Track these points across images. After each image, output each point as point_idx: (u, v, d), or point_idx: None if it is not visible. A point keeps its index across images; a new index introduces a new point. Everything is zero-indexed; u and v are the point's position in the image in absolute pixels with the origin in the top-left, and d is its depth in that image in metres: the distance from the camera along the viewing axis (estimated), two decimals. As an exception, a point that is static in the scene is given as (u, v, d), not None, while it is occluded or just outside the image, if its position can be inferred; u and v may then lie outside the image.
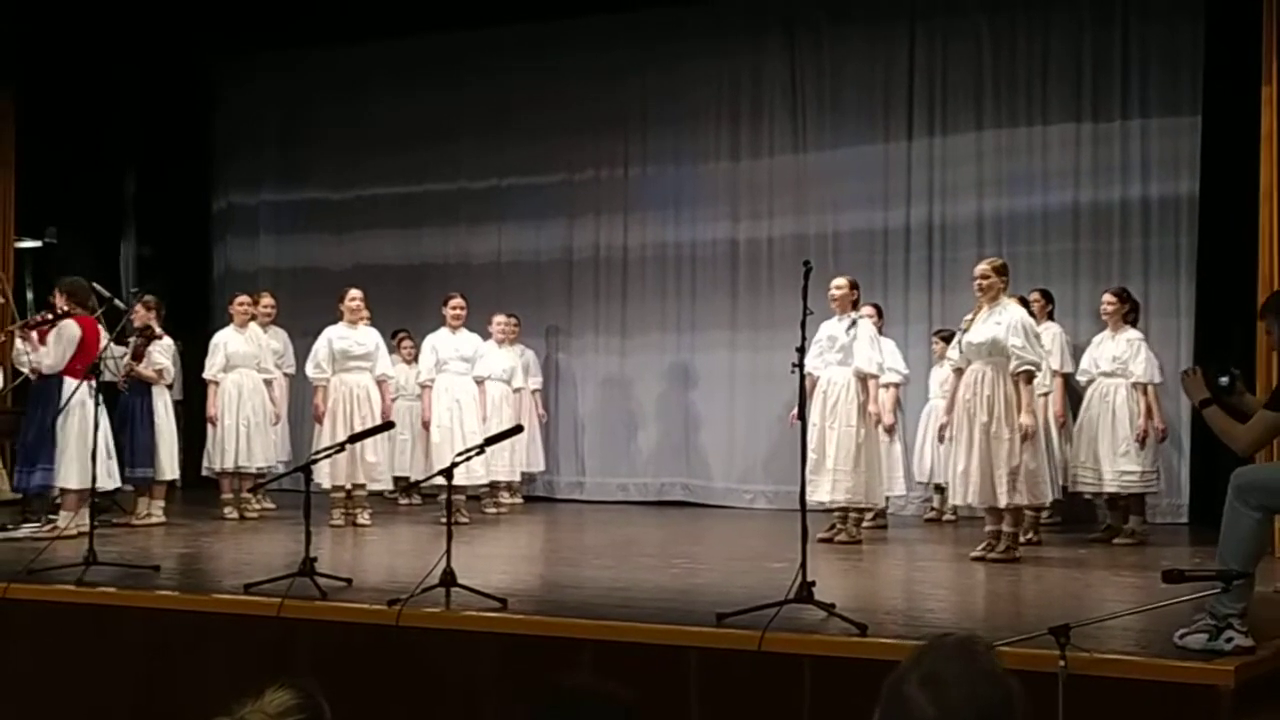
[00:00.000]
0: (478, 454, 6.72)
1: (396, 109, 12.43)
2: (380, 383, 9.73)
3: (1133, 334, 8.82)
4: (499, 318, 10.74)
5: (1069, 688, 3.93)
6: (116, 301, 8.87)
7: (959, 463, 7.72)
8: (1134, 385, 8.67)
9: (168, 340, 9.57)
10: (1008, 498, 7.53)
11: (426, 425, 9.88)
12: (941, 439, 8.80)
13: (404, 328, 11.52)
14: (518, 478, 11.04)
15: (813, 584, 5.44)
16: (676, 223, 11.75)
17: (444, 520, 6.33)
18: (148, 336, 9.35)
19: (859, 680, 4.66)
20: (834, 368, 8.51)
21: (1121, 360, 8.72)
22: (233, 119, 13.25)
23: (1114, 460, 8.61)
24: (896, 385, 9.73)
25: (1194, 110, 9.80)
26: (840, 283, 8.62)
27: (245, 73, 13.06)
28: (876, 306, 9.59)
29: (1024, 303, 8.49)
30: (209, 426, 9.99)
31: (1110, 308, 8.87)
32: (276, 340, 10.75)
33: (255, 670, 5.62)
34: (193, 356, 10.28)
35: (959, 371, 7.91)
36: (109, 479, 8.69)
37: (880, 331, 9.27)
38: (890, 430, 9.52)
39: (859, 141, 11.06)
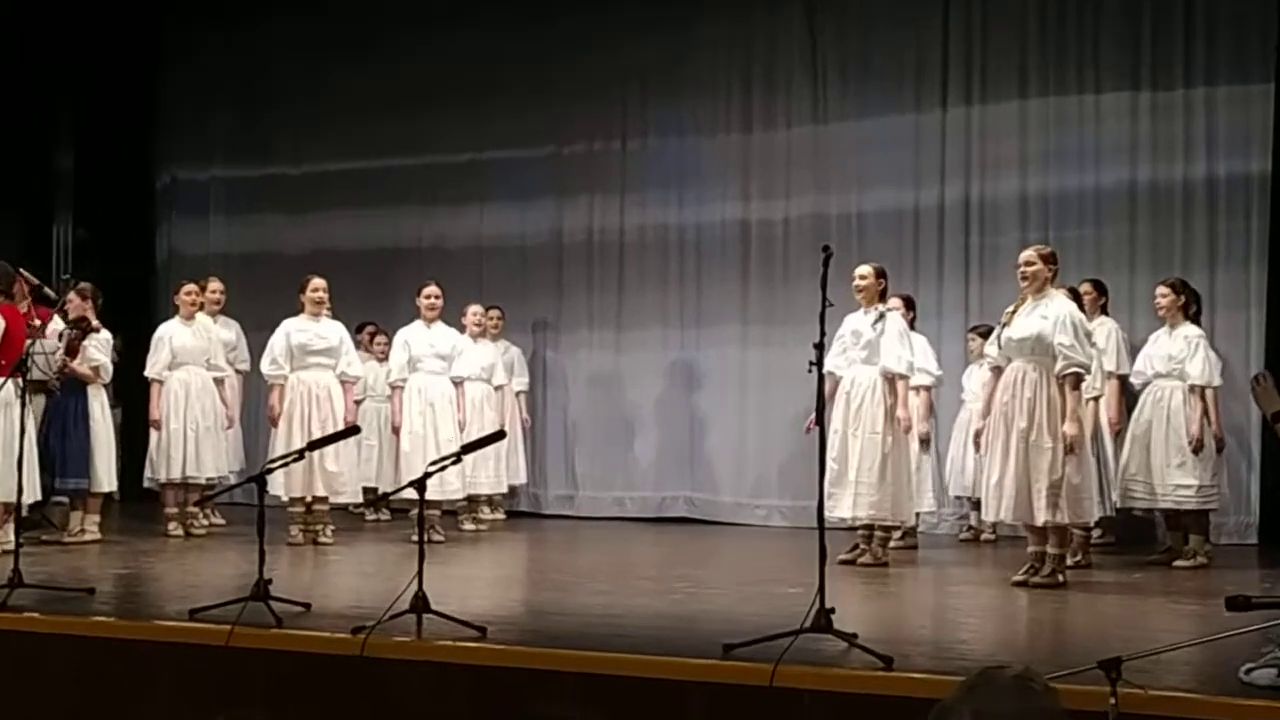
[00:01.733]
0: (453, 463, 6.72)
1: (364, 74, 12.44)
2: (344, 382, 9.75)
3: (1191, 330, 8.81)
4: (474, 308, 10.75)
5: (1120, 729, 3.94)
6: (46, 289, 8.86)
7: (993, 473, 7.72)
8: (1191, 388, 8.67)
9: (105, 334, 9.57)
10: (1046, 514, 7.52)
11: (397, 431, 9.88)
12: (977, 447, 8.80)
13: (372, 320, 11.53)
14: (504, 489, 11.06)
15: (832, 611, 5.46)
16: (680, 203, 11.78)
17: (415, 538, 6.34)
18: (83, 329, 9.34)
19: (883, 720, 4.69)
20: (858, 367, 8.52)
21: (1178, 360, 8.72)
22: (180, 84, 13.27)
23: (1168, 472, 8.61)
24: (928, 388, 9.74)
25: (1265, 78, 9.84)
26: (865, 271, 8.63)
27: (195, 33, 13.08)
28: (906, 298, 9.60)
29: (1074, 294, 8.49)
30: (152, 431, 10.01)
31: (1165, 301, 8.87)
32: (228, 331, 10.78)
33: (202, 706, 5.64)
34: (134, 352, 10.29)
35: (997, 371, 7.91)
36: (32, 492, 8.67)
37: (911, 326, 9.28)
38: (922, 439, 9.54)
39: (887, 111, 11.08)
